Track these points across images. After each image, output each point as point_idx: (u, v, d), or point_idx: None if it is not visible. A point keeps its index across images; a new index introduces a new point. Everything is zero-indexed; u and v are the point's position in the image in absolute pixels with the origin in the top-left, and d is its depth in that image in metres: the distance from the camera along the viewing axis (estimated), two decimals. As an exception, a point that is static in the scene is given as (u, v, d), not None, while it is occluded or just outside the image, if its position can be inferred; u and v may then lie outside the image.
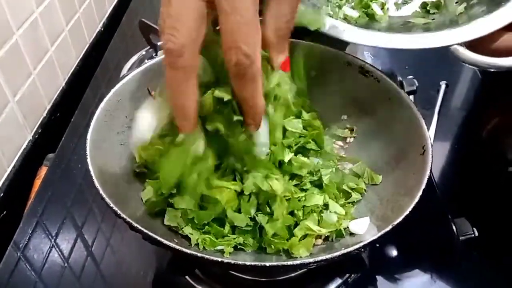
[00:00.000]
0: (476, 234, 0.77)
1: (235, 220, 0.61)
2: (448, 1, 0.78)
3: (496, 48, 0.62)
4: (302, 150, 0.69)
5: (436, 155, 0.63)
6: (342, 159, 0.73)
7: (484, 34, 0.62)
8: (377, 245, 0.74)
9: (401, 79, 1.02)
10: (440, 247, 0.76)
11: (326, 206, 0.65)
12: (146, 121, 0.60)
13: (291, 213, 0.62)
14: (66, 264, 0.75)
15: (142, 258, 0.76)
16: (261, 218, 0.61)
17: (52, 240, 0.78)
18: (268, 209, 0.62)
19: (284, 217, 0.61)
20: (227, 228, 0.61)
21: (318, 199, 0.63)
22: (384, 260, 0.74)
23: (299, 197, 0.63)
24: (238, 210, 0.62)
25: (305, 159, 0.65)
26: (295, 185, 0.64)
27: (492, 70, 0.63)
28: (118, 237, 0.79)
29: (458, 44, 0.65)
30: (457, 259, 0.75)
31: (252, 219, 0.61)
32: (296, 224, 0.62)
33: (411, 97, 0.98)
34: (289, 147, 0.66)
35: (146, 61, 1.07)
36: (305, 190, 0.64)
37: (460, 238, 0.77)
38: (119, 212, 0.54)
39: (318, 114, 0.74)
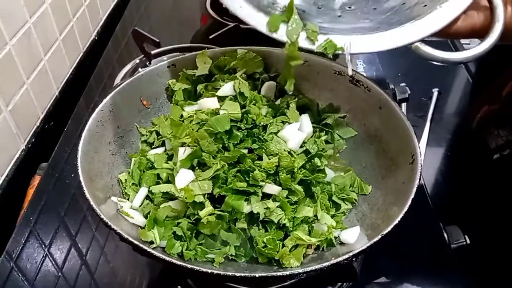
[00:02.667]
0: (468, 241, 0.77)
1: (228, 239, 0.62)
2: None
3: (456, 30, 0.64)
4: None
5: (428, 163, 0.63)
6: (333, 168, 0.73)
7: (445, 24, 0.62)
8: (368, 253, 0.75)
9: (393, 87, 1.03)
10: (432, 255, 0.76)
11: (316, 217, 0.65)
12: None
13: (282, 226, 0.62)
14: (59, 274, 0.75)
15: (136, 267, 0.76)
16: (253, 231, 0.62)
17: (46, 250, 0.78)
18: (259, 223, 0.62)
19: (274, 231, 0.62)
20: (219, 241, 0.62)
21: (308, 210, 0.63)
22: (375, 268, 0.74)
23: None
24: (229, 228, 0.62)
25: (300, 188, 0.65)
26: (286, 197, 0.64)
27: (448, 64, 0.64)
28: (112, 246, 0.79)
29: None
30: (449, 266, 0.75)
31: (243, 230, 0.62)
32: (286, 235, 0.63)
33: (404, 104, 0.99)
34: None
35: (139, 69, 1.08)
36: (296, 202, 0.64)
37: (452, 245, 0.77)
38: (109, 223, 0.55)
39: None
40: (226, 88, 0.72)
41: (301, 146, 0.68)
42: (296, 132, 0.67)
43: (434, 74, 1.12)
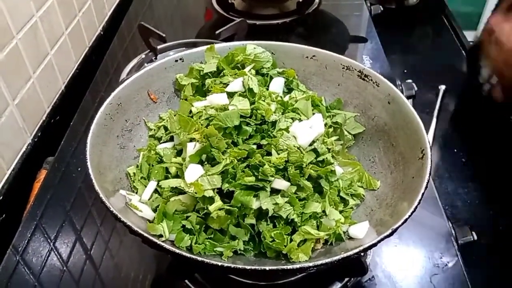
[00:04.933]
0: (475, 238, 0.77)
1: (237, 234, 0.61)
2: None
3: None
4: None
5: (435, 159, 0.63)
6: (341, 163, 0.73)
7: None
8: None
9: (400, 83, 1.03)
10: (439, 251, 0.76)
11: (325, 212, 0.64)
12: None
13: (291, 221, 0.62)
14: (65, 268, 0.75)
15: (141, 261, 0.76)
16: (261, 226, 0.62)
17: (51, 244, 0.78)
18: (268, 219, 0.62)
19: (282, 226, 0.62)
20: (228, 235, 0.62)
21: (316, 206, 0.63)
22: (383, 263, 0.74)
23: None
24: (238, 223, 0.62)
25: (309, 184, 0.64)
26: (295, 192, 0.64)
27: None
28: (117, 240, 0.79)
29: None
30: (456, 263, 0.75)
31: (252, 226, 0.62)
32: (294, 230, 0.62)
33: (410, 101, 0.99)
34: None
35: (145, 64, 1.08)
36: (304, 198, 0.64)
37: (459, 242, 0.77)
38: (119, 215, 0.55)
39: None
40: (235, 84, 0.71)
41: (310, 145, 0.68)
42: (307, 129, 0.67)
43: (441, 70, 1.12)
